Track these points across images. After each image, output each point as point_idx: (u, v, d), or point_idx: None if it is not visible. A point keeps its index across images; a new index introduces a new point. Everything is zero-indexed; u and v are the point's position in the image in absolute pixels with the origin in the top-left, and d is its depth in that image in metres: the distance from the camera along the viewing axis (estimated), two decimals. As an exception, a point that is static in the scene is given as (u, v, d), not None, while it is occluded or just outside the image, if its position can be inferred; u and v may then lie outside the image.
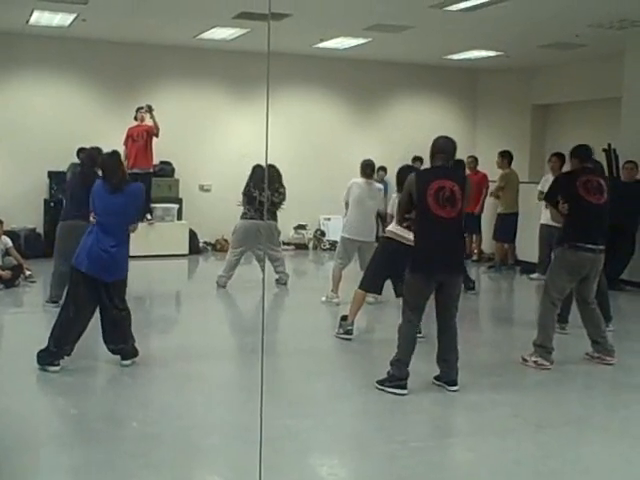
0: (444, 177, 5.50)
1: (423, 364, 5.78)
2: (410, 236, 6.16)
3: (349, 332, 7.11)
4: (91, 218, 5.96)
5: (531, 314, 9.41)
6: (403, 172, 6.85)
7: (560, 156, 10.48)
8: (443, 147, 5.72)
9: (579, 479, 4.23)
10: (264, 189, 9.41)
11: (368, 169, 8.59)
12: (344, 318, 7.17)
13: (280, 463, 4.17)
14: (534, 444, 4.73)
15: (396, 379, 5.48)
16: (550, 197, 6.66)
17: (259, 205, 9.40)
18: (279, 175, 9.52)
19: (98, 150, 7.44)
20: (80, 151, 9.62)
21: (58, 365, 5.79)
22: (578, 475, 4.28)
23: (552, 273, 6.47)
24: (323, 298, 8.68)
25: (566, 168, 10.14)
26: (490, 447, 4.64)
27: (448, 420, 5.10)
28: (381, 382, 5.54)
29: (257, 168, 9.51)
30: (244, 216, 9.50)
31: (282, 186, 9.55)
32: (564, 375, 6.18)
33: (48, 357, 5.78)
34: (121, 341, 5.98)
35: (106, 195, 5.89)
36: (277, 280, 9.67)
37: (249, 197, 9.47)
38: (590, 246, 6.21)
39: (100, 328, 5.99)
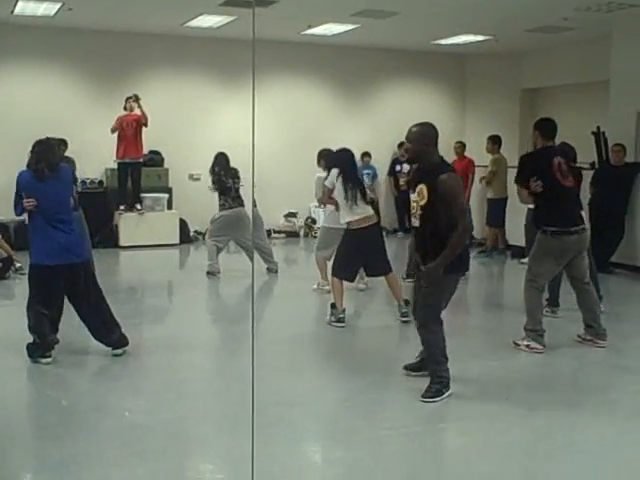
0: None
1: (410, 349, 5.78)
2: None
3: (341, 320, 7.12)
4: (26, 206, 5.80)
5: (522, 298, 9.46)
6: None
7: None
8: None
9: (571, 461, 4.25)
10: (236, 175, 9.42)
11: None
12: (334, 306, 7.19)
13: (273, 451, 4.18)
14: (526, 427, 4.75)
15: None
16: (521, 179, 6.37)
17: (235, 192, 9.39)
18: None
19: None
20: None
21: (50, 357, 5.77)
22: (570, 457, 4.30)
23: (535, 259, 6.38)
24: (314, 286, 8.68)
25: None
26: (481, 431, 4.66)
27: (439, 405, 5.11)
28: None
29: (220, 156, 9.51)
30: (223, 207, 9.46)
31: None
32: (555, 358, 6.21)
33: (37, 349, 5.77)
34: (108, 331, 5.95)
35: (37, 184, 5.80)
36: (268, 269, 9.68)
37: (223, 187, 9.43)
38: (574, 229, 6.19)
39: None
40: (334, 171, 7.35)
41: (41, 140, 6.00)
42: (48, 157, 5.85)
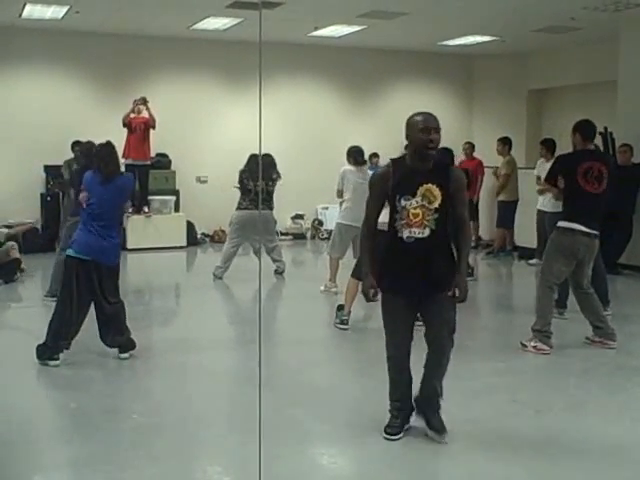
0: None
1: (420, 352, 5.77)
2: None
3: (344, 322, 7.11)
4: (83, 204, 5.96)
5: (530, 300, 9.45)
6: None
7: (549, 141, 10.48)
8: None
9: (578, 463, 4.24)
10: (270, 178, 9.45)
11: (360, 156, 8.51)
12: (340, 308, 7.18)
13: (280, 453, 4.18)
14: (533, 429, 4.74)
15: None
16: (550, 178, 6.61)
17: (254, 195, 9.41)
18: (274, 164, 9.52)
19: (92, 144, 7.43)
20: (75, 145, 9.57)
21: (58, 359, 5.79)
22: (578, 459, 4.29)
23: (548, 257, 6.46)
24: (322, 288, 8.68)
25: (559, 151, 10.21)
26: (488, 432, 4.65)
27: (446, 406, 5.10)
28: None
29: (252, 158, 9.52)
30: (239, 206, 9.52)
31: (278, 175, 9.56)
32: (563, 359, 6.19)
33: (46, 351, 5.79)
34: (117, 334, 5.98)
35: (98, 185, 5.89)
36: (275, 270, 9.69)
37: (244, 188, 9.48)
38: (585, 229, 6.20)
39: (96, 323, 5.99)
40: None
41: (105, 144, 6.14)
42: (115, 161, 6.08)
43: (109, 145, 6.15)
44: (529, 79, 14.28)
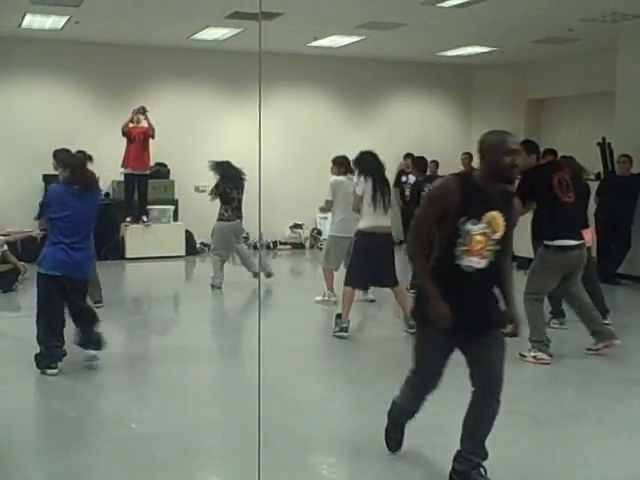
0: None
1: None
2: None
3: (344, 329, 7.12)
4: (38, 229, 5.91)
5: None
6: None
7: (553, 152, 10.48)
8: None
9: (576, 473, 4.23)
10: (242, 185, 9.43)
11: (349, 165, 8.35)
12: (339, 316, 7.18)
13: (279, 463, 4.18)
14: (532, 439, 4.74)
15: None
16: (523, 195, 5.93)
17: (238, 204, 9.42)
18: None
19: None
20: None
21: (56, 368, 5.78)
22: (575, 469, 4.28)
23: (536, 273, 6.42)
24: (318, 298, 8.66)
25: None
26: (487, 443, 4.64)
27: (445, 417, 5.10)
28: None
29: (227, 165, 9.51)
30: (222, 217, 9.49)
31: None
32: (561, 370, 6.19)
33: (44, 360, 5.78)
34: (84, 331, 6.00)
35: (72, 198, 5.76)
36: (267, 275, 9.74)
37: (226, 197, 9.44)
38: (573, 243, 6.21)
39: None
40: (362, 177, 7.27)
41: (76, 154, 6.11)
42: (86, 173, 5.92)
43: (82, 153, 6.10)
44: (528, 89, 14.33)
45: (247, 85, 12.45)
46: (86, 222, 5.85)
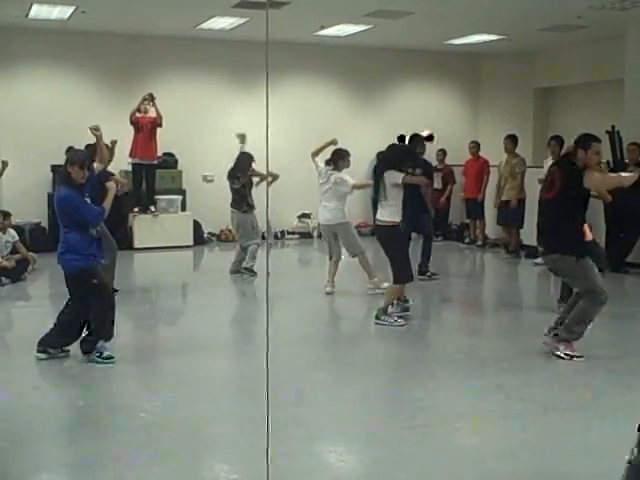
0: None
1: (425, 347, 5.77)
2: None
3: (407, 309, 7.33)
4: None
5: (536, 299, 9.45)
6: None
7: (559, 139, 10.49)
8: None
9: (586, 462, 4.23)
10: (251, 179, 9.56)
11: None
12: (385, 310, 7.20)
13: (287, 451, 4.19)
14: (541, 427, 4.74)
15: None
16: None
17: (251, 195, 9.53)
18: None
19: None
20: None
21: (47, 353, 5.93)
22: (585, 458, 4.28)
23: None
24: (328, 289, 8.67)
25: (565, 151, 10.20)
26: (496, 431, 4.65)
27: (454, 405, 5.11)
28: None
29: (244, 156, 9.60)
30: (246, 209, 9.55)
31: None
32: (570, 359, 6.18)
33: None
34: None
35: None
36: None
37: (250, 188, 9.54)
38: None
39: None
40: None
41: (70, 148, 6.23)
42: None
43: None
44: (535, 78, 14.25)
45: (254, 74, 12.43)
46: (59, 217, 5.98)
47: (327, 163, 8.72)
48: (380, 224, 7.14)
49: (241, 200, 9.55)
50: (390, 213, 7.05)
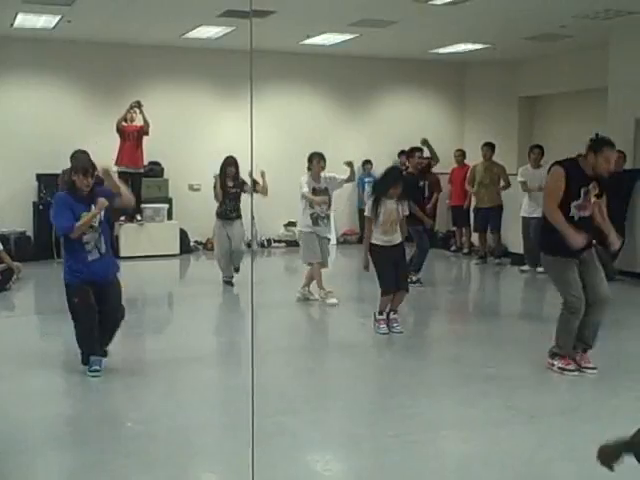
0: None
1: (409, 359, 5.78)
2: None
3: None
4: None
5: (522, 306, 9.48)
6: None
7: (540, 148, 10.59)
8: None
9: (572, 468, 4.25)
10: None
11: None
12: (380, 313, 7.24)
13: (273, 460, 4.18)
14: (526, 434, 4.75)
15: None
16: None
17: None
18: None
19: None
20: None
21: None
22: (571, 464, 4.30)
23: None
24: (316, 296, 8.69)
25: (552, 158, 10.27)
26: (483, 439, 4.66)
27: (440, 413, 5.12)
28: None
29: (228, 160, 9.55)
30: (240, 215, 9.57)
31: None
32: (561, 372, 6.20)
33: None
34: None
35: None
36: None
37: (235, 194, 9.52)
38: None
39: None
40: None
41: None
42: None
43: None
44: (520, 86, 14.35)
45: (240, 83, 12.39)
46: None
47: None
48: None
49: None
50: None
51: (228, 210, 9.46)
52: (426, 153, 9.81)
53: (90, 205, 5.69)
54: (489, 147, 11.70)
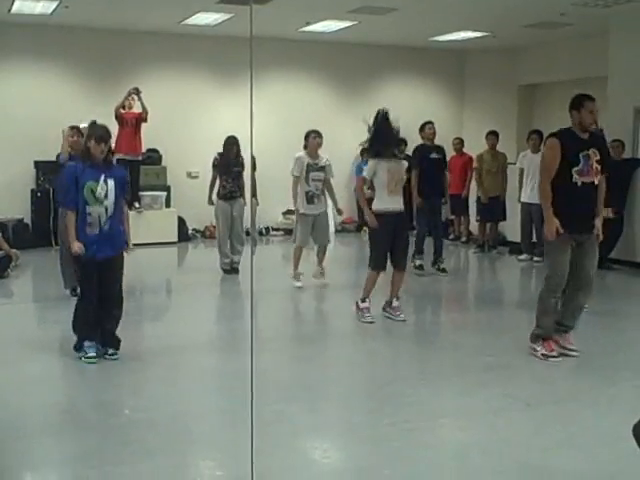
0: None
1: (409, 344, 5.78)
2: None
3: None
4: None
5: (519, 295, 9.50)
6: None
7: (539, 133, 10.57)
8: None
9: (569, 456, 4.26)
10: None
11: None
12: (364, 299, 7.15)
13: (272, 447, 4.19)
14: (524, 422, 4.76)
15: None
16: None
17: None
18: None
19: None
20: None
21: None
22: (568, 452, 4.31)
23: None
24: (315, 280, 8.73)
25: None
26: (480, 427, 4.67)
27: (438, 401, 5.13)
28: None
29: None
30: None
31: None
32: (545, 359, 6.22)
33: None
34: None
35: None
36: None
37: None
38: None
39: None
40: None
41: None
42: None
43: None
44: (520, 74, 14.31)
45: (239, 70, 12.38)
46: None
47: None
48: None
49: None
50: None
51: (232, 190, 9.47)
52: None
53: (103, 174, 5.68)
54: (495, 136, 11.69)
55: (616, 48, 10.94)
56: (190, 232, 13.00)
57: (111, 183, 5.70)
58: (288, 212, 13.67)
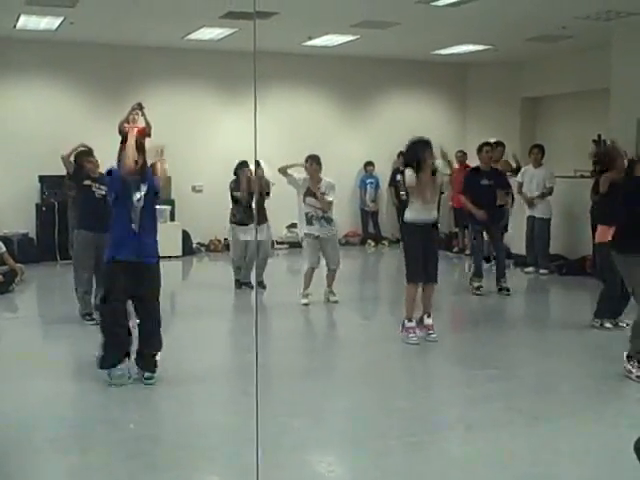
0: None
1: (414, 358, 5.76)
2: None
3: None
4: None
5: (525, 307, 9.48)
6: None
7: (540, 147, 10.56)
8: None
9: (574, 470, 4.25)
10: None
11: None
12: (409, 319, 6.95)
13: (278, 461, 4.18)
14: (529, 436, 4.75)
15: None
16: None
17: None
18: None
19: None
20: None
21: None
22: (573, 466, 4.30)
23: None
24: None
25: (546, 159, 10.33)
26: (485, 440, 4.66)
27: (443, 414, 5.12)
28: None
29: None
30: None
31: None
32: (559, 366, 6.21)
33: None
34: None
35: None
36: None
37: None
38: None
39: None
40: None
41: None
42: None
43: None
44: (522, 87, 14.35)
45: (243, 85, 12.46)
46: None
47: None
48: None
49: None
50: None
51: (246, 216, 9.49)
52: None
53: (140, 183, 6.00)
54: (502, 147, 11.69)
55: (618, 60, 10.96)
56: (195, 246, 13.01)
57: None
58: (292, 225, 13.69)
